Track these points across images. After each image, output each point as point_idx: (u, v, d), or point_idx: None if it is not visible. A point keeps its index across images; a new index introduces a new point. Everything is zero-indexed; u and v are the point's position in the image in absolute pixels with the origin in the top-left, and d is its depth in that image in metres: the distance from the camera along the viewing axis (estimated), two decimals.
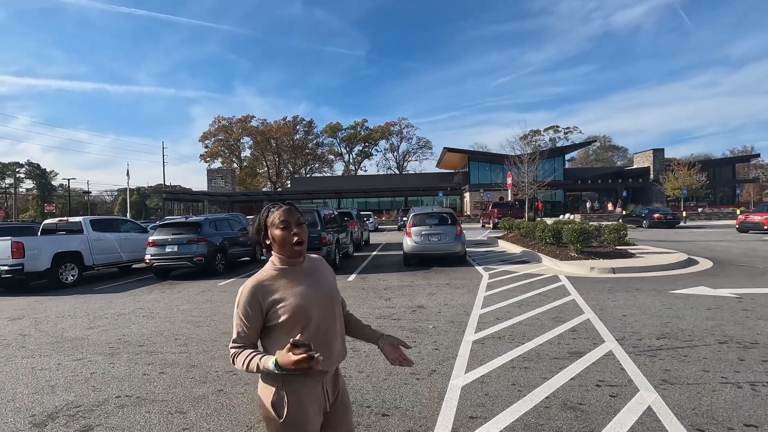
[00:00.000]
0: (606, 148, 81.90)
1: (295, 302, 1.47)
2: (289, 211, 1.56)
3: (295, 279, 1.54)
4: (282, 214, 1.54)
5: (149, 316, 6.72)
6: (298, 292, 1.50)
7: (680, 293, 7.02)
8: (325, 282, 1.61)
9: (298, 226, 1.54)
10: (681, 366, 3.89)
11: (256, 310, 1.47)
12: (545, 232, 13.16)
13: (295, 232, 1.52)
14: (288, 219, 1.53)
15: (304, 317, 1.47)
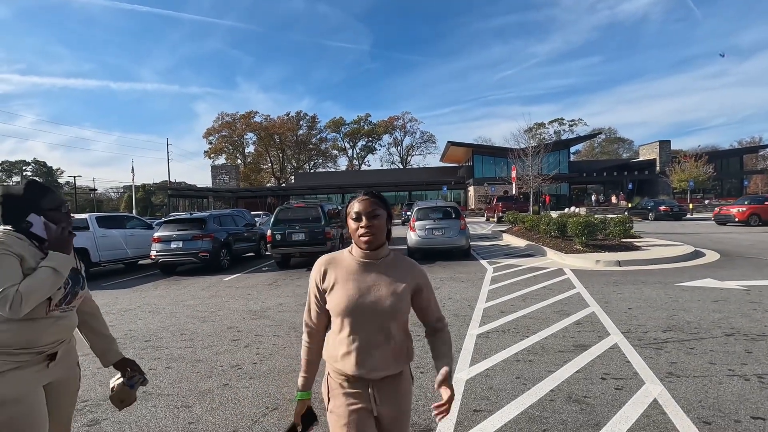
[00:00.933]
0: (611, 140, 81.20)
1: (338, 297, 1.50)
2: (366, 202, 1.53)
3: (358, 273, 1.53)
4: (357, 205, 1.53)
5: (155, 312, 6.77)
6: (348, 288, 1.51)
7: (687, 285, 6.96)
8: (383, 288, 1.52)
9: (370, 219, 1.50)
10: (687, 358, 3.86)
11: (316, 285, 1.57)
12: (550, 226, 13.09)
13: (362, 225, 1.50)
14: (360, 211, 1.51)
15: (343, 315, 1.49)
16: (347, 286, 1.50)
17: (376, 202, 1.53)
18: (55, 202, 1.75)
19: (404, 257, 1.64)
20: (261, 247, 14.00)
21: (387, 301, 1.49)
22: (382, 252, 1.57)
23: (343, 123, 75.82)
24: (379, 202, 1.54)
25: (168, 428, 3.01)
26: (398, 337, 1.54)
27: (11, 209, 1.70)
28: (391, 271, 1.56)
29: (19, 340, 1.59)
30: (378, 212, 1.51)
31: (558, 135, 72.91)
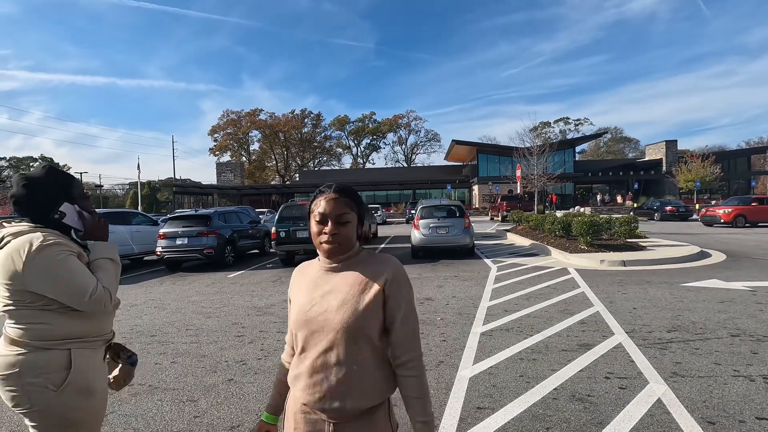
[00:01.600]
0: (617, 139, 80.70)
1: (292, 310, 1.31)
2: (333, 203, 1.24)
3: (317, 280, 1.30)
4: (322, 204, 1.25)
5: (160, 307, 6.82)
6: (302, 298, 1.29)
7: (692, 286, 6.93)
8: (335, 297, 1.23)
9: (336, 225, 1.23)
10: (692, 359, 3.85)
11: (289, 296, 1.39)
12: (554, 225, 13.05)
13: (326, 231, 1.23)
14: (325, 212, 1.24)
15: (295, 330, 1.28)
16: (302, 296, 1.29)
17: (346, 203, 1.25)
18: (82, 189, 1.67)
19: (379, 254, 1.31)
20: (265, 245, 14.05)
21: (337, 314, 1.20)
22: (349, 254, 1.29)
23: (348, 121, 75.85)
24: (350, 203, 1.26)
25: (174, 422, 3.04)
26: (361, 363, 1.20)
27: (41, 198, 1.56)
28: (353, 274, 1.26)
29: (96, 329, 1.62)
30: (347, 217, 1.24)
31: (563, 134, 72.57)
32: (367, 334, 1.21)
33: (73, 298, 1.50)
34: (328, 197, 1.25)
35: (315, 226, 1.25)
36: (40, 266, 1.46)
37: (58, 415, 1.49)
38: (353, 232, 1.27)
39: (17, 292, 1.49)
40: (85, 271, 1.54)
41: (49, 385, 1.48)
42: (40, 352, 1.49)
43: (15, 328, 1.51)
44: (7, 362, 1.48)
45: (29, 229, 1.54)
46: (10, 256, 1.48)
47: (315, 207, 1.26)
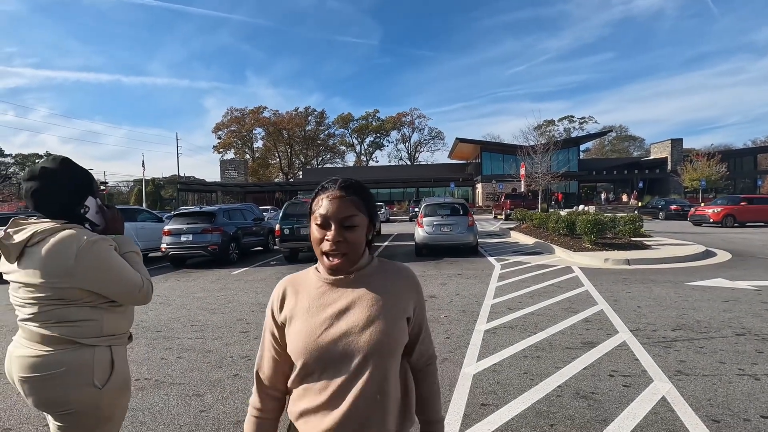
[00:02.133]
0: (622, 138, 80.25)
1: (295, 335, 1.04)
2: (337, 201, 1.02)
3: (323, 297, 1.07)
4: (325, 204, 1.03)
5: (166, 303, 6.87)
6: (309, 320, 1.04)
7: (697, 285, 6.90)
8: (357, 314, 1.03)
9: (341, 230, 1.01)
10: (697, 357, 3.85)
11: (273, 317, 1.11)
12: (558, 223, 13.02)
13: (329, 238, 1.01)
14: (328, 214, 1.01)
15: (303, 360, 1.02)
16: (308, 318, 1.04)
17: (353, 202, 1.03)
18: (97, 183, 1.65)
19: (393, 263, 1.16)
20: (269, 242, 14.10)
21: (364, 334, 1.00)
22: (360, 263, 1.09)
23: (352, 119, 75.81)
24: (358, 202, 1.04)
25: (180, 416, 3.07)
26: (386, 388, 1.02)
27: (62, 192, 1.51)
28: (372, 286, 1.07)
29: (126, 324, 1.63)
30: (354, 220, 1.02)
31: (568, 132, 72.26)
32: (396, 355, 1.05)
33: (124, 292, 1.51)
34: (332, 195, 1.02)
35: (316, 231, 1.03)
36: (93, 262, 1.44)
37: (96, 413, 1.48)
38: (362, 239, 1.05)
39: (63, 290, 1.44)
40: (129, 266, 1.56)
41: (95, 382, 1.46)
42: (87, 350, 1.47)
43: (56, 327, 1.45)
44: (46, 362, 1.43)
45: (61, 225, 1.48)
46: (56, 254, 1.43)
47: (316, 207, 1.04)
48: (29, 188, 1.48)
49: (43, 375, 1.43)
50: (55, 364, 1.43)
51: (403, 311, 1.08)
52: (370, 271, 1.10)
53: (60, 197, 1.50)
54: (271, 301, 1.13)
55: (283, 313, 1.09)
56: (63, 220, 1.51)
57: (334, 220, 1.01)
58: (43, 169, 1.49)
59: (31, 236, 1.45)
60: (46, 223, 1.48)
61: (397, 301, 1.08)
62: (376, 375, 1.00)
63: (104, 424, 1.52)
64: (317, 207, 1.04)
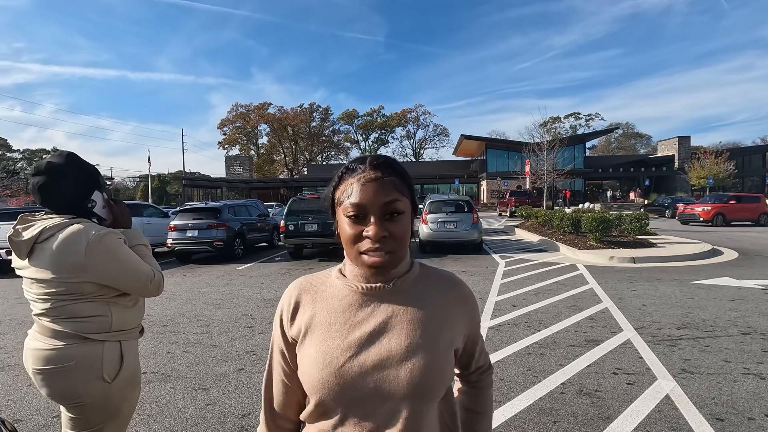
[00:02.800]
0: (629, 135, 79.64)
1: (311, 360, 0.80)
2: (376, 185, 0.78)
3: (351, 311, 0.83)
4: (356, 190, 0.78)
5: (172, 298, 6.93)
6: (330, 341, 0.80)
7: (703, 284, 6.87)
8: (397, 339, 0.79)
9: (383, 220, 0.77)
10: (701, 356, 3.84)
11: (282, 330, 0.88)
12: (563, 221, 12.97)
13: (371, 234, 0.76)
14: (365, 203, 0.77)
15: (320, 393, 0.78)
16: (329, 338, 0.80)
17: (393, 184, 0.79)
18: (103, 178, 1.65)
19: (438, 270, 0.91)
20: (274, 238, 14.16)
21: (403, 368, 0.77)
22: (400, 269, 0.85)
23: (356, 115, 75.75)
24: (400, 182, 0.81)
25: (186, 409, 3.11)
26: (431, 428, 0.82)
27: (70, 187, 1.52)
28: (415, 301, 0.84)
29: (136, 319, 1.65)
30: (399, 206, 0.78)
31: (574, 130, 71.81)
32: (438, 392, 0.80)
33: (135, 284, 1.53)
34: (366, 177, 0.78)
35: (348, 226, 0.78)
36: (102, 256, 1.45)
37: (106, 407, 1.51)
38: (409, 230, 0.81)
39: (75, 284, 1.45)
40: (139, 258, 1.58)
41: (104, 376, 1.49)
42: (96, 344, 1.49)
43: (66, 322, 1.47)
44: (57, 355, 1.46)
45: (70, 220, 1.50)
46: (66, 249, 1.44)
47: (343, 195, 0.80)
48: (36, 183, 1.49)
49: (54, 368, 1.46)
50: (65, 357, 1.45)
51: (453, 339, 0.84)
52: (411, 280, 0.85)
53: (67, 192, 1.51)
54: (279, 308, 0.88)
55: (295, 326, 0.85)
56: (70, 215, 1.52)
57: (373, 210, 0.77)
58: (50, 164, 1.50)
59: (40, 232, 1.46)
60: (55, 218, 1.49)
61: (446, 324, 0.84)
62: (412, 422, 0.77)
63: (113, 417, 1.54)
64: (345, 195, 0.79)
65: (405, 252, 0.82)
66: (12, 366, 4.07)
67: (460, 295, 0.88)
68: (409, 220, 0.81)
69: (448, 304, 0.86)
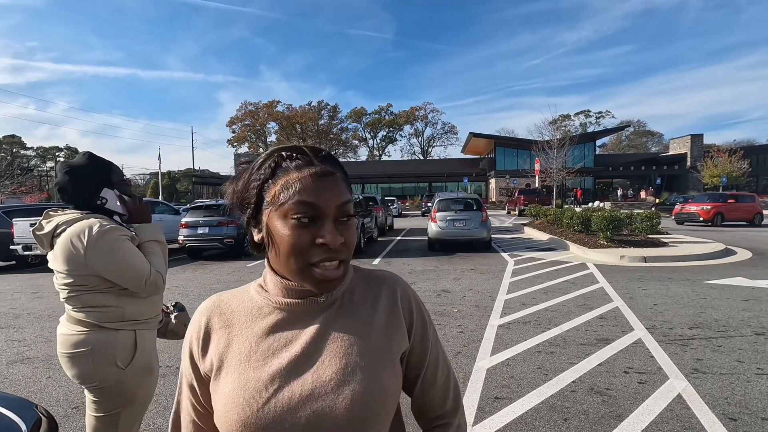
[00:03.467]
0: (640, 133, 78.65)
1: (227, 395, 0.66)
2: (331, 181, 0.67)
3: (277, 332, 0.69)
4: (305, 185, 0.64)
5: (184, 294, 7.02)
6: (249, 372, 0.66)
7: (715, 283, 6.79)
8: (331, 365, 0.67)
9: (336, 228, 0.66)
10: (714, 356, 3.81)
11: (192, 362, 0.72)
12: (573, 220, 12.89)
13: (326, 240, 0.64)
14: (317, 202, 0.64)
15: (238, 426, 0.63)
16: (247, 370, 0.67)
17: (345, 181, 0.70)
18: (121, 175, 1.72)
19: (373, 271, 0.79)
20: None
21: (340, 396, 0.64)
22: None
23: (365, 113, 75.75)
24: (346, 179, 0.71)
25: None
26: None
27: (84, 185, 1.61)
28: (350, 311, 0.72)
29: (154, 309, 1.71)
30: (350, 208, 0.68)
31: (584, 127, 71.12)
32: (392, 415, 0.70)
33: (130, 281, 1.57)
34: (319, 171, 0.65)
35: (294, 232, 0.63)
36: (101, 250, 1.52)
37: (121, 392, 1.59)
38: (355, 236, 0.70)
39: (82, 277, 1.55)
40: (140, 256, 1.61)
41: (118, 363, 1.57)
42: (110, 333, 1.58)
43: (82, 311, 1.58)
44: (76, 341, 1.57)
45: (81, 216, 1.59)
46: (71, 243, 1.53)
47: (285, 192, 0.64)
48: (55, 184, 1.65)
49: (74, 352, 1.56)
50: (83, 343, 1.56)
51: (398, 345, 0.72)
52: (346, 288, 0.74)
53: (80, 190, 1.61)
54: (188, 336, 0.73)
55: (208, 357, 0.70)
56: (88, 210, 1.62)
57: (328, 212, 0.64)
58: (62, 165, 1.62)
59: (56, 227, 1.58)
60: (71, 214, 1.60)
61: (388, 331, 0.71)
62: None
63: (129, 403, 1.62)
64: (288, 191, 0.63)
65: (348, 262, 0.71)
66: (31, 358, 4.17)
67: (402, 294, 0.75)
68: (355, 224, 0.70)
69: (387, 307, 0.73)
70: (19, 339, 4.79)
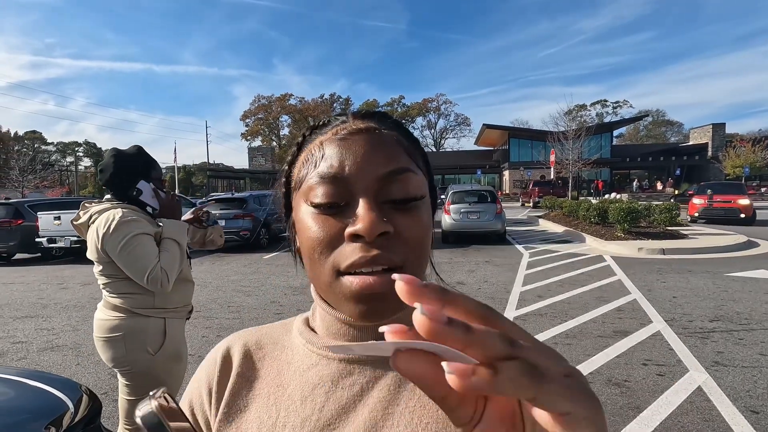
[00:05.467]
0: (659, 123, 76.76)
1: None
2: (370, 140, 0.42)
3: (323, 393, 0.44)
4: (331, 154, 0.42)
5: (203, 286, 7.18)
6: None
7: (737, 276, 6.66)
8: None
9: (379, 205, 0.40)
10: (736, 349, 3.76)
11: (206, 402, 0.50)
12: (590, 212, 12.71)
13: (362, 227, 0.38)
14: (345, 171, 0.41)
15: None
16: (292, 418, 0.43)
17: (399, 141, 0.44)
18: (160, 173, 1.81)
19: None
20: None
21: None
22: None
23: (377, 105, 75.48)
24: (409, 144, 0.45)
25: None
26: None
27: (125, 174, 1.70)
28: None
29: (183, 299, 1.79)
30: (412, 181, 0.42)
31: (600, 117, 69.64)
32: None
33: (134, 274, 1.63)
34: (349, 128, 0.44)
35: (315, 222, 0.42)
36: (114, 241, 1.60)
37: (151, 376, 1.66)
38: (430, 229, 0.46)
39: (109, 264, 1.65)
40: (150, 251, 1.63)
41: (148, 348, 1.64)
42: (141, 319, 1.65)
43: (117, 297, 1.67)
44: (111, 326, 1.65)
45: (111, 206, 1.69)
46: (96, 231, 1.63)
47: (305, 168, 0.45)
48: (99, 166, 1.76)
49: (108, 336, 1.64)
50: (115, 328, 1.63)
51: None
52: None
53: (117, 176, 1.70)
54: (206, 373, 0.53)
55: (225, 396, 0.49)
56: (123, 201, 1.70)
57: (364, 184, 0.41)
58: (112, 150, 1.74)
59: (89, 217, 1.68)
60: (103, 204, 1.70)
61: None
62: None
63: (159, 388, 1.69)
64: (309, 165, 0.44)
65: (423, 275, 0.47)
66: (60, 346, 4.33)
67: None
68: (430, 213, 0.46)
69: None
70: (48, 328, 4.97)
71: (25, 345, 4.43)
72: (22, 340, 4.59)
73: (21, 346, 4.41)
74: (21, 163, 33.85)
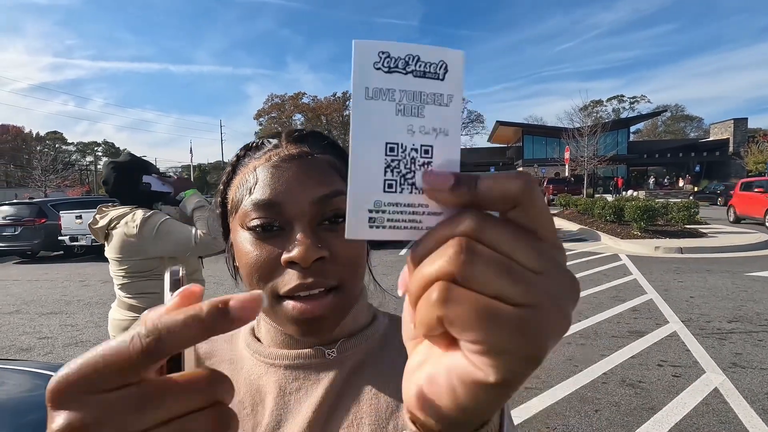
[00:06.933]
0: (678, 118, 75.00)
1: None
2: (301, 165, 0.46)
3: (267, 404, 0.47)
4: (264, 179, 0.45)
5: (219, 283, 7.30)
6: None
7: (757, 276, 6.51)
8: None
9: (315, 229, 0.44)
10: (755, 350, 3.69)
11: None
12: (605, 210, 12.53)
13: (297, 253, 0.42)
14: (279, 197, 0.44)
15: None
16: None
17: (332, 164, 0.48)
18: (155, 168, 1.97)
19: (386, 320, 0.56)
20: None
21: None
22: (348, 322, 0.50)
23: None
24: (340, 164, 0.48)
25: None
26: None
27: (125, 180, 1.83)
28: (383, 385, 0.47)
29: None
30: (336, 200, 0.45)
31: (617, 113, 68.36)
32: None
33: (182, 247, 1.74)
34: (282, 154, 0.47)
35: (253, 247, 0.44)
36: (149, 233, 1.71)
37: None
38: (364, 250, 0.49)
39: (139, 263, 1.73)
40: (184, 227, 1.78)
41: None
42: None
43: (133, 297, 1.76)
44: (127, 325, 1.74)
45: (130, 210, 1.79)
46: (124, 234, 1.72)
47: (240, 191, 0.47)
48: (102, 178, 1.88)
49: None
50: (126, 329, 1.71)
51: None
52: (372, 343, 0.52)
53: (119, 184, 1.82)
54: None
55: None
56: (134, 204, 1.82)
57: (298, 210, 0.44)
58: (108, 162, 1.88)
59: (109, 221, 1.78)
60: (121, 209, 1.80)
61: None
62: None
63: None
64: (243, 189, 0.46)
65: (359, 290, 0.49)
66: (83, 342, 4.49)
67: None
68: None
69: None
70: (71, 324, 5.15)
71: (50, 340, 4.59)
72: (48, 335, 4.76)
73: (47, 341, 4.58)
74: (43, 163, 34.78)
